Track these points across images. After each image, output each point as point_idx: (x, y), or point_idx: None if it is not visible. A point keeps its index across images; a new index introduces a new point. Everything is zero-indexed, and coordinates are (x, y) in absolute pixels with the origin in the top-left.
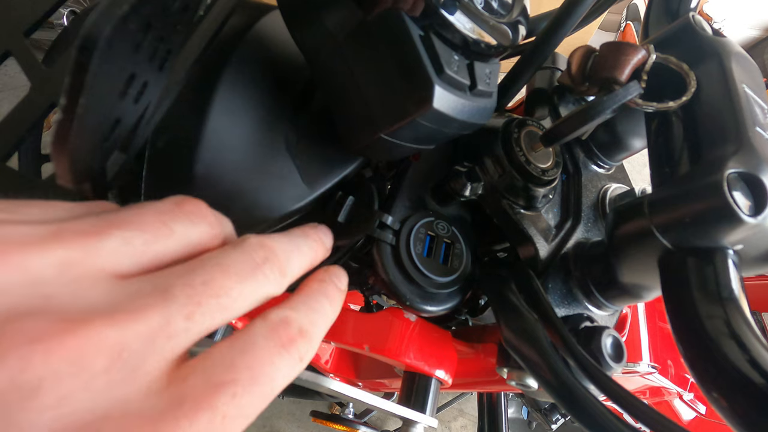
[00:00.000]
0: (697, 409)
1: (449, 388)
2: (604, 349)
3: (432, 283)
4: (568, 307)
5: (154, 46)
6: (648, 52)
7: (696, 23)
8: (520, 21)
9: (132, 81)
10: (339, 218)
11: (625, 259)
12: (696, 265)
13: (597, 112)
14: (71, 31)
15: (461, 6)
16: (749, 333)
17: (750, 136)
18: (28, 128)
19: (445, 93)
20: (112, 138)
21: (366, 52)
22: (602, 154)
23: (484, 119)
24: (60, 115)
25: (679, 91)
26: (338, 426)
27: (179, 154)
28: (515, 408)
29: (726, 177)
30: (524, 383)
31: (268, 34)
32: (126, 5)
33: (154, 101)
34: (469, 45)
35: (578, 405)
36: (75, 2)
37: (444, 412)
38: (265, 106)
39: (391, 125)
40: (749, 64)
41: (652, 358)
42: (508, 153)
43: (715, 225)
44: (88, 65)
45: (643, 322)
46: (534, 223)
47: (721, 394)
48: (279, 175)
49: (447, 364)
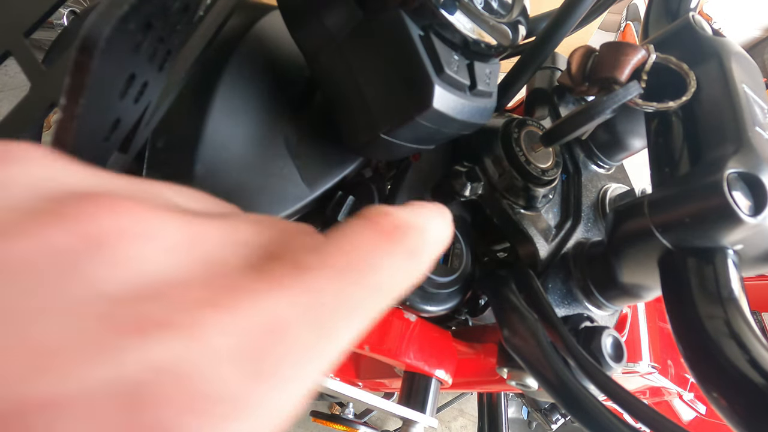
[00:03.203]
0: (697, 409)
1: (449, 388)
2: (604, 349)
3: (432, 283)
4: (568, 307)
5: (154, 46)
6: (648, 52)
7: (696, 23)
8: (520, 21)
9: (132, 81)
10: (339, 218)
11: (625, 259)
12: (696, 265)
13: (597, 112)
14: (71, 31)
15: (461, 6)
16: (749, 333)
17: (750, 136)
18: (28, 128)
19: (445, 93)
20: (112, 138)
21: (366, 52)
22: (602, 154)
23: (484, 119)
24: (60, 115)
25: (679, 91)
26: (338, 426)
27: (179, 154)
28: (515, 408)
29: (726, 177)
30: (524, 383)
31: (268, 34)
32: (126, 5)
33: (154, 101)
34: (469, 45)
35: (578, 405)
36: (75, 2)
37: (444, 412)
38: (265, 106)
39: (391, 125)
40: (749, 64)
41: (652, 358)
42: (508, 153)
43: (715, 225)
44: (88, 65)
45: (643, 322)
46: (534, 223)
47: (721, 394)
48: (279, 175)
49: (447, 364)
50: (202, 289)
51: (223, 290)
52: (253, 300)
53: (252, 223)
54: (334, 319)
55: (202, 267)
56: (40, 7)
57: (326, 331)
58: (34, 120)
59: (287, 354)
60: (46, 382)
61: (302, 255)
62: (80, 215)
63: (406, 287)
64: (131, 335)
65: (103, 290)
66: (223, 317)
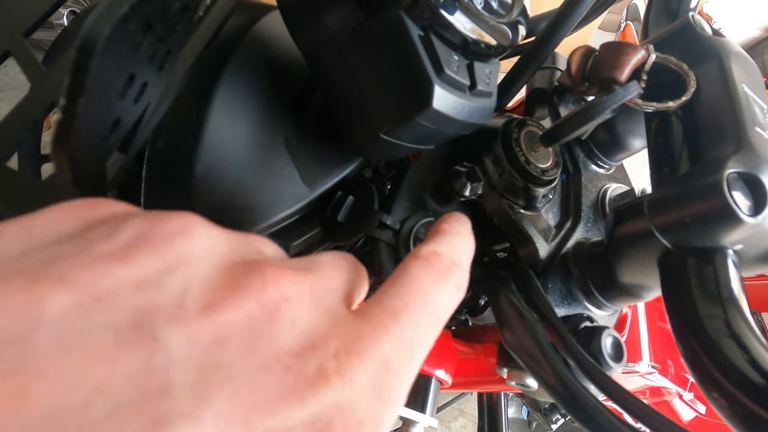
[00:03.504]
0: (697, 409)
1: (449, 388)
2: (604, 349)
3: None
4: (568, 307)
5: (154, 46)
6: (648, 52)
7: (696, 23)
8: (519, 21)
9: (132, 81)
10: (339, 218)
11: (624, 259)
12: (696, 265)
13: (597, 112)
14: (71, 31)
15: (461, 6)
16: (749, 333)
17: (750, 136)
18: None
19: (445, 93)
20: (112, 138)
21: (366, 52)
22: (602, 154)
23: (484, 119)
24: (60, 115)
25: (678, 91)
26: None
27: (179, 154)
28: (515, 408)
29: (726, 177)
30: (524, 383)
31: (268, 34)
32: (126, 5)
33: (154, 101)
34: (469, 45)
35: (578, 405)
36: (75, 2)
37: (444, 412)
38: (265, 106)
39: (391, 125)
40: (749, 64)
41: (652, 358)
42: (507, 153)
43: (714, 225)
44: (88, 66)
45: (643, 322)
46: (534, 223)
47: (721, 394)
48: (279, 175)
49: (447, 364)
50: (338, 340)
51: (353, 339)
52: (374, 346)
53: (331, 267)
54: (416, 348)
55: (327, 317)
56: (40, 7)
57: (414, 358)
58: (34, 120)
59: (395, 382)
60: (274, 419)
61: (390, 300)
62: (260, 286)
63: (451, 310)
64: (315, 384)
65: (284, 347)
66: (362, 361)
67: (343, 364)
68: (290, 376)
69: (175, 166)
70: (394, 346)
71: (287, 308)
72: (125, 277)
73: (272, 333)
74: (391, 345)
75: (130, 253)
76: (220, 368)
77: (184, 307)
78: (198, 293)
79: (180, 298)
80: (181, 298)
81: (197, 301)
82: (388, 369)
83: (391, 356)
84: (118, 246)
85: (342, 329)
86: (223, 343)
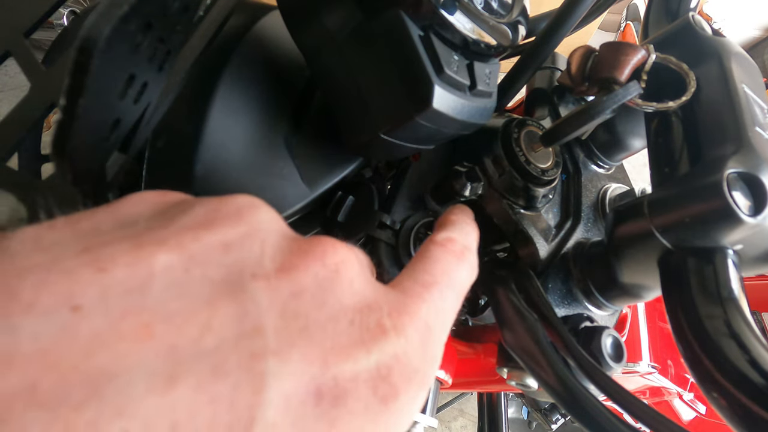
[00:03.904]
0: (697, 409)
1: (449, 388)
2: (604, 349)
3: None
4: (568, 307)
5: (154, 46)
6: (648, 52)
7: (696, 23)
8: (519, 21)
9: (132, 81)
10: (339, 218)
11: (625, 259)
12: (696, 265)
13: (597, 112)
14: (71, 31)
15: (461, 6)
16: (749, 333)
17: (750, 136)
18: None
19: (445, 93)
20: (112, 138)
21: (366, 52)
22: (602, 154)
23: (484, 119)
24: (60, 115)
25: (678, 91)
26: None
27: (179, 154)
28: (515, 408)
29: (726, 177)
30: (524, 383)
31: (268, 34)
32: (126, 5)
33: (154, 101)
34: (469, 45)
35: (578, 405)
36: (75, 2)
37: (444, 412)
38: (265, 106)
39: (391, 125)
40: (749, 64)
41: (652, 358)
42: (507, 153)
43: (714, 225)
44: (88, 66)
45: (643, 322)
46: (534, 223)
47: (721, 394)
48: (279, 175)
49: (447, 364)
50: (387, 304)
51: (399, 303)
52: (417, 311)
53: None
54: (446, 316)
55: (372, 286)
56: (40, 7)
57: (444, 324)
58: (34, 120)
59: (436, 341)
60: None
61: (421, 275)
62: (322, 252)
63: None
64: (377, 336)
65: (346, 303)
66: (411, 320)
67: (397, 322)
68: (355, 329)
69: (176, 166)
70: (430, 312)
71: (345, 269)
72: (213, 240)
73: (335, 290)
74: (428, 311)
75: (210, 222)
76: (298, 317)
77: (263, 265)
78: (272, 255)
79: (259, 259)
80: (260, 258)
81: (273, 261)
82: (430, 330)
83: (429, 320)
84: (197, 219)
85: (387, 296)
86: (298, 297)
